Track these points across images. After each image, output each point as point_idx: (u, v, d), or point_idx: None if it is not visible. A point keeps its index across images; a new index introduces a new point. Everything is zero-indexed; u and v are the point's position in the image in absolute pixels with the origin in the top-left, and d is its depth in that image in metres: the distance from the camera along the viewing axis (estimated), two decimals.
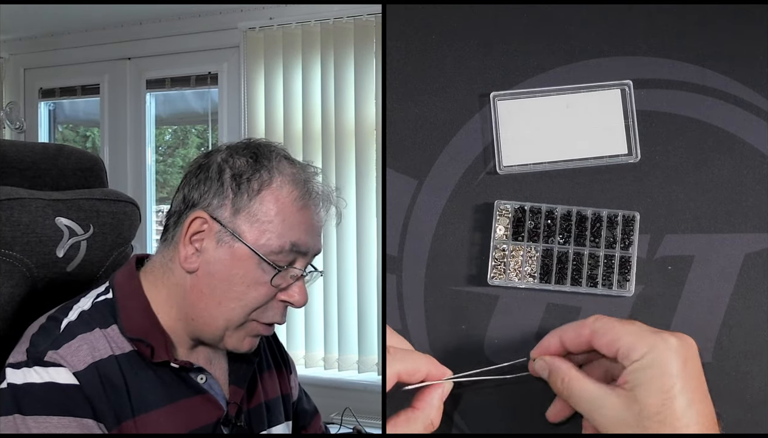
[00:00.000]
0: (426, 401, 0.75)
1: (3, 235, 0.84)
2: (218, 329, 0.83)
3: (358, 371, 2.73)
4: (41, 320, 0.82)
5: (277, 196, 0.81)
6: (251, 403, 0.92)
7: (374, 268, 2.69)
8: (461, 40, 0.88)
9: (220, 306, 0.82)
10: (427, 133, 0.87)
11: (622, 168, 0.86)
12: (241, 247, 0.80)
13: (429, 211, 0.86)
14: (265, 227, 0.81)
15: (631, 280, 0.83)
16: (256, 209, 0.81)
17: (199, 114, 3.37)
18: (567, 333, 0.74)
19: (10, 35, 3.36)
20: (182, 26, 3.10)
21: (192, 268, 0.82)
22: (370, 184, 2.71)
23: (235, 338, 0.84)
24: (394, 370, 0.74)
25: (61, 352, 0.77)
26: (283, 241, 0.81)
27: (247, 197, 0.80)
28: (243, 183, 0.81)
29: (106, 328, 0.81)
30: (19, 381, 0.75)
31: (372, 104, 2.72)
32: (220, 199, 0.81)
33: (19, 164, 0.95)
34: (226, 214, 0.81)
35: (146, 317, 0.83)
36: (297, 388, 1.05)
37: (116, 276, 0.87)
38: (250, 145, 0.85)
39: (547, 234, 0.85)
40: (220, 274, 0.81)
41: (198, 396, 0.84)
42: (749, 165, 0.85)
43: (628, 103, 0.86)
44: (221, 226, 0.81)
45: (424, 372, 0.75)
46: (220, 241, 0.81)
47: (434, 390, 0.76)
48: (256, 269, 0.81)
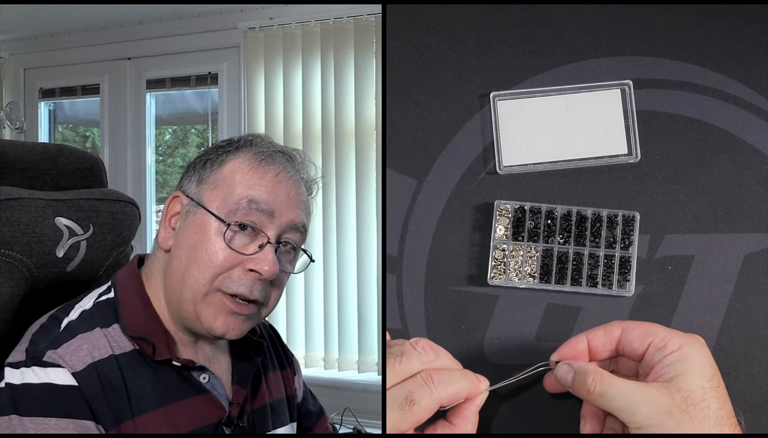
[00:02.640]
0: (462, 417, 0.73)
1: (3, 235, 0.84)
2: (187, 302, 0.81)
3: (358, 371, 2.74)
4: (42, 319, 0.82)
5: (237, 162, 0.83)
6: (255, 403, 0.91)
7: (374, 268, 2.69)
8: (461, 40, 0.88)
9: (184, 276, 0.81)
10: (427, 133, 0.87)
11: (622, 168, 0.86)
12: (202, 212, 0.82)
13: (429, 211, 0.86)
14: (224, 190, 0.82)
15: (631, 280, 0.83)
16: (216, 176, 0.83)
17: (199, 114, 3.37)
18: (596, 334, 0.73)
19: (10, 35, 3.36)
20: (182, 26, 3.10)
21: (167, 246, 0.84)
22: (370, 184, 2.71)
23: (206, 315, 0.81)
24: (435, 401, 0.70)
25: (60, 352, 0.76)
26: (240, 197, 0.81)
27: (211, 169, 0.84)
28: (210, 158, 0.85)
29: (108, 327, 0.80)
30: (17, 381, 0.75)
31: (372, 104, 2.72)
32: (190, 176, 0.85)
33: (19, 164, 0.95)
34: (193, 188, 0.84)
35: (148, 315, 0.83)
36: (302, 389, 1.04)
37: (118, 276, 0.87)
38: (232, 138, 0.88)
39: (547, 234, 0.85)
40: (185, 243, 0.82)
41: (200, 396, 0.83)
42: (749, 165, 0.85)
43: (628, 103, 0.86)
44: (189, 199, 0.84)
45: (464, 396, 0.72)
46: (188, 213, 0.83)
47: (471, 404, 0.73)
48: (215, 231, 0.81)
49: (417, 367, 0.71)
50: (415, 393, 0.69)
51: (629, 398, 0.68)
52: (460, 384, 0.72)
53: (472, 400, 0.73)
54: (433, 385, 0.70)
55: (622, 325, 0.73)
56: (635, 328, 0.72)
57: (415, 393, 0.69)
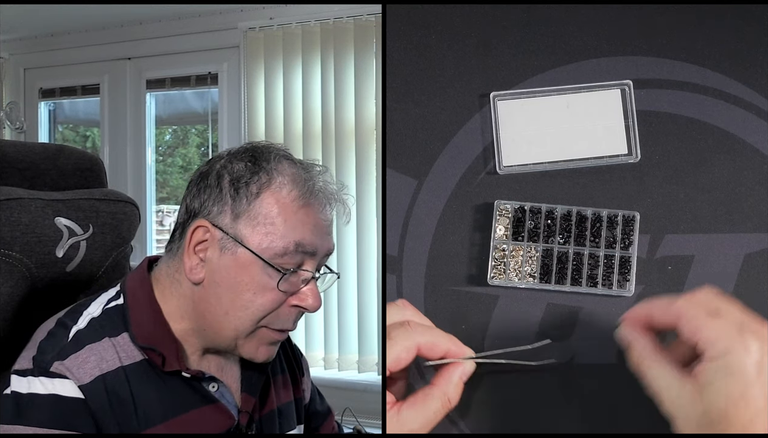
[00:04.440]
0: (445, 378, 0.76)
1: (3, 235, 0.84)
2: (228, 339, 0.81)
3: (358, 371, 2.74)
4: (50, 324, 0.80)
5: (277, 197, 0.79)
6: (264, 409, 0.90)
7: (374, 268, 2.69)
8: (461, 40, 0.88)
9: (228, 315, 0.79)
10: (427, 133, 0.87)
11: (622, 168, 0.86)
12: (244, 252, 0.78)
13: (429, 211, 0.86)
14: (267, 229, 0.78)
15: (631, 280, 0.83)
16: (256, 212, 0.78)
17: (199, 114, 3.37)
18: (657, 308, 0.72)
19: (10, 35, 3.36)
20: (182, 26, 3.10)
21: (197, 279, 0.80)
22: (370, 184, 2.71)
23: (248, 347, 0.82)
24: (415, 342, 0.74)
25: (67, 364, 0.75)
26: (287, 242, 0.78)
27: (246, 201, 0.78)
28: (241, 187, 0.79)
29: (116, 336, 0.79)
30: (24, 390, 0.74)
31: (372, 104, 2.73)
32: (220, 205, 0.79)
33: (19, 164, 0.95)
34: (227, 221, 0.79)
35: (158, 325, 0.81)
36: (309, 390, 1.03)
37: (128, 281, 0.85)
38: (249, 148, 0.83)
39: (547, 234, 0.85)
40: (225, 283, 0.79)
41: (208, 406, 0.82)
42: (749, 165, 0.85)
43: (628, 103, 0.86)
44: (223, 233, 0.79)
45: (444, 348, 0.76)
46: (224, 249, 0.79)
47: (454, 368, 0.76)
48: (261, 274, 0.78)
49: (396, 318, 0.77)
50: (392, 332, 0.75)
51: (666, 388, 0.69)
52: (440, 337, 0.76)
53: (457, 365, 0.76)
54: (411, 328, 0.75)
55: (681, 311, 0.70)
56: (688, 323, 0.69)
57: (393, 332, 0.75)
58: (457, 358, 0.76)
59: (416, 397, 0.75)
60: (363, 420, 2.50)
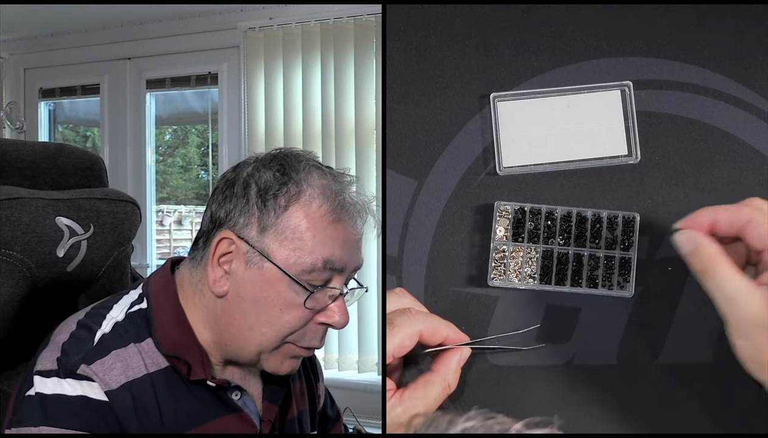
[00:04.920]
0: (444, 364, 0.78)
1: (3, 234, 0.84)
2: (251, 354, 0.79)
3: (358, 371, 2.74)
4: (70, 326, 0.78)
5: (307, 211, 0.75)
6: (286, 416, 0.89)
7: (374, 268, 2.70)
8: (461, 40, 0.88)
9: (252, 331, 0.77)
10: (427, 134, 0.87)
11: (622, 169, 0.86)
12: (270, 267, 0.75)
13: (429, 211, 0.86)
14: (295, 245, 0.75)
15: (631, 281, 0.83)
16: (284, 226, 0.75)
17: (199, 114, 3.37)
18: (722, 214, 0.72)
19: (10, 35, 3.36)
20: (182, 26, 3.10)
21: (221, 292, 0.77)
22: (370, 184, 2.71)
23: (272, 361, 0.79)
24: (417, 329, 0.76)
25: (95, 368, 0.74)
26: (316, 259, 0.75)
27: (274, 214, 0.75)
28: (269, 199, 0.75)
29: (141, 342, 0.77)
30: (49, 391, 0.72)
31: (372, 104, 2.73)
32: (246, 217, 0.76)
33: (19, 164, 0.95)
34: (254, 233, 0.76)
35: (183, 332, 0.79)
36: (324, 396, 1.02)
37: (151, 284, 0.83)
38: (277, 156, 0.79)
39: (547, 235, 0.85)
40: (250, 298, 0.76)
41: (232, 414, 0.80)
42: (749, 166, 0.85)
43: (628, 104, 0.86)
44: (249, 246, 0.76)
45: (443, 334, 0.78)
46: (249, 262, 0.76)
47: (452, 354, 0.78)
48: (288, 291, 0.76)
49: (396, 306, 0.79)
50: (395, 319, 0.76)
51: (734, 295, 0.69)
52: (440, 323, 0.78)
53: (455, 351, 0.78)
54: (412, 315, 0.77)
55: (750, 215, 0.71)
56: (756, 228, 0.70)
57: (395, 319, 0.76)
58: (455, 345, 0.79)
59: (417, 383, 0.77)
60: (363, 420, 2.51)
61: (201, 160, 3.64)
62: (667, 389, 0.81)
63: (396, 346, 0.75)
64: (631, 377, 0.82)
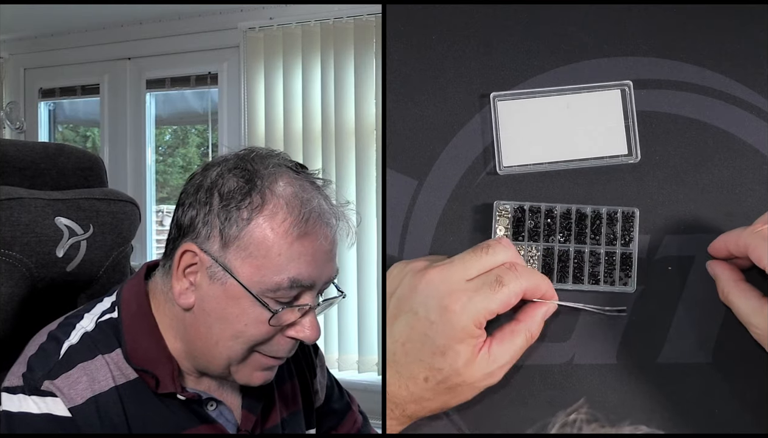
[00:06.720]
0: (530, 315, 0.79)
1: (3, 235, 0.84)
2: (220, 367, 0.77)
3: (358, 371, 2.74)
4: (41, 338, 0.77)
5: (271, 224, 0.72)
6: (266, 424, 0.86)
7: (374, 268, 2.70)
8: (461, 40, 0.88)
9: (218, 346, 0.75)
10: (427, 133, 0.87)
11: (622, 168, 0.86)
12: (233, 284, 0.72)
13: (429, 211, 0.86)
14: (260, 262, 0.72)
15: (632, 277, 0.83)
16: (247, 241, 0.71)
17: (199, 114, 3.37)
18: (730, 238, 0.78)
19: (10, 35, 3.36)
20: (182, 26, 3.11)
21: (188, 304, 0.75)
22: (370, 184, 2.71)
23: (242, 373, 0.77)
24: (522, 286, 0.76)
25: (59, 383, 0.72)
26: (281, 278, 0.72)
27: (237, 228, 0.71)
28: (232, 210, 0.72)
29: (110, 352, 0.76)
30: (15, 409, 0.71)
31: (372, 104, 2.73)
32: (208, 228, 0.73)
33: (19, 164, 0.95)
34: (216, 247, 0.72)
35: (153, 342, 0.77)
36: (324, 389, 0.99)
37: (123, 292, 0.81)
38: (244, 158, 0.75)
39: (547, 233, 0.85)
40: (215, 313, 0.74)
41: (205, 425, 0.79)
42: (749, 165, 0.85)
43: (628, 104, 0.86)
44: (212, 260, 0.73)
45: (543, 291, 0.79)
46: (213, 277, 0.73)
47: (539, 306, 0.79)
48: (252, 308, 0.73)
49: (502, 258, 0.77)
50: (503, 276, 0.76)
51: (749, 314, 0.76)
52: (541, 278, 0.79)
53: (543, 304, 0.79)
54: (518, 272, 0.76)
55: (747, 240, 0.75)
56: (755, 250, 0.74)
57: (504, 276, 0.76)
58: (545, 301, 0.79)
59: (503, 332, 0.78)
60: None
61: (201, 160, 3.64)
62: (667, 389, 0.81)
63: (502, 304, 0.75)
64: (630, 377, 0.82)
